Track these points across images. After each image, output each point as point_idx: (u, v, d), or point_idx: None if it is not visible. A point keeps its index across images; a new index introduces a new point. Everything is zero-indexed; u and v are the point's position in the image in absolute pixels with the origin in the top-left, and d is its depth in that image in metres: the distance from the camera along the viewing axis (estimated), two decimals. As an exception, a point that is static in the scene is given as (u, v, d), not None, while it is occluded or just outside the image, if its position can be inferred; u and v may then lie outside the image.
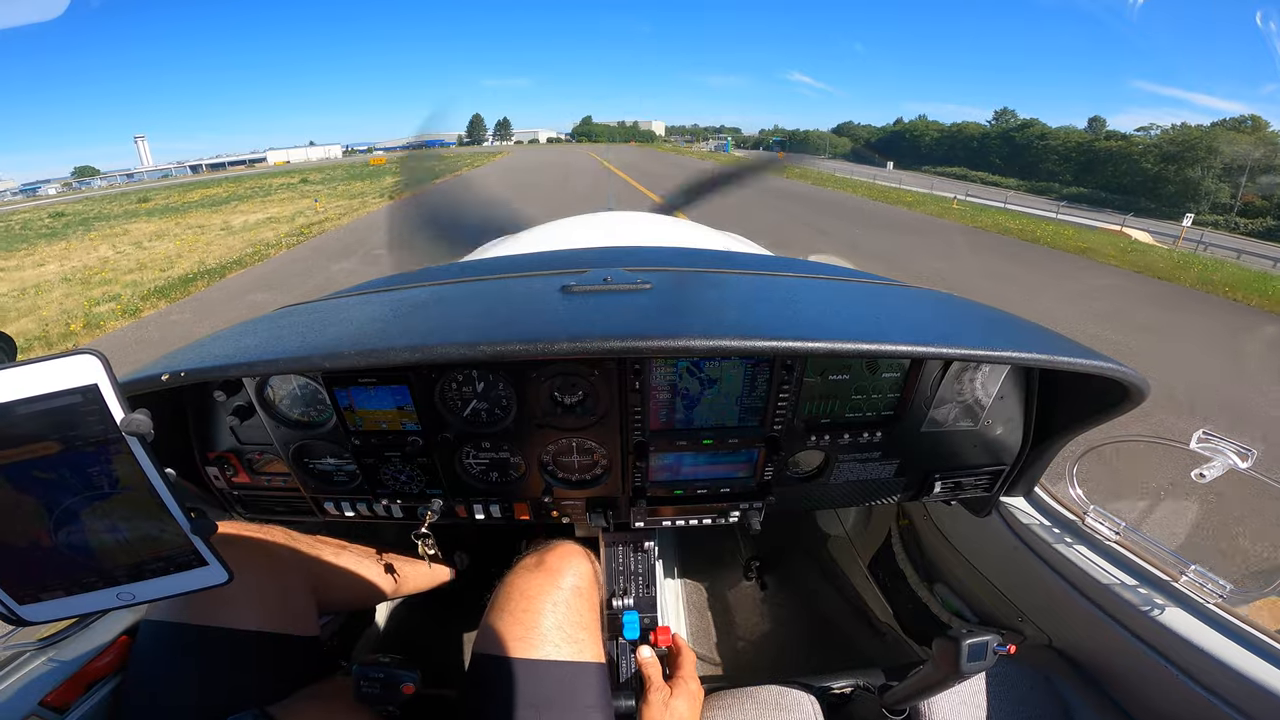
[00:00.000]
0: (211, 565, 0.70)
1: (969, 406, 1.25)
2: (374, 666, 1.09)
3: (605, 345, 0.89)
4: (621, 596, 1.42)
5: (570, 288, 1.13)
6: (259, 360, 0.95)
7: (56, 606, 0.68)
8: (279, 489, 1.31)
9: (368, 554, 1.49)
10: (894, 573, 1.93)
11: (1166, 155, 55.79)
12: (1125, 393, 1.06)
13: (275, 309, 1.42)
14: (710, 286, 1.28)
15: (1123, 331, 7.99)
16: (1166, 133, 62.81)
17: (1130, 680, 1.16)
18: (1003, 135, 78.51)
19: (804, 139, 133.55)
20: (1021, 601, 1.42)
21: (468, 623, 1.99)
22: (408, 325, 1.07)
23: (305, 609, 1.21)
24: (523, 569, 1.13)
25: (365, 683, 1.07)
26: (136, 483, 0.63)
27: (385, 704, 1.08)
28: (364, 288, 1.52)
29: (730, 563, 2.39)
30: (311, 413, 1.20)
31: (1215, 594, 1.04)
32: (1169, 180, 54.85)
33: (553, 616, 1.05)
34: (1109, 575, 1.16)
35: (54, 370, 0.57)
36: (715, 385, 1.17)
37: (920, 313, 1.30)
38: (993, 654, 0.91)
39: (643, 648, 1.27)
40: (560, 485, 1.29)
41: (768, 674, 1.32)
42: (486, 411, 1.19)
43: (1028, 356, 0.99)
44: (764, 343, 0.90)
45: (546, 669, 1.00)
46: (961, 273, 11.04)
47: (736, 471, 1.28)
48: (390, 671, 1.08)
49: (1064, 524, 1.31)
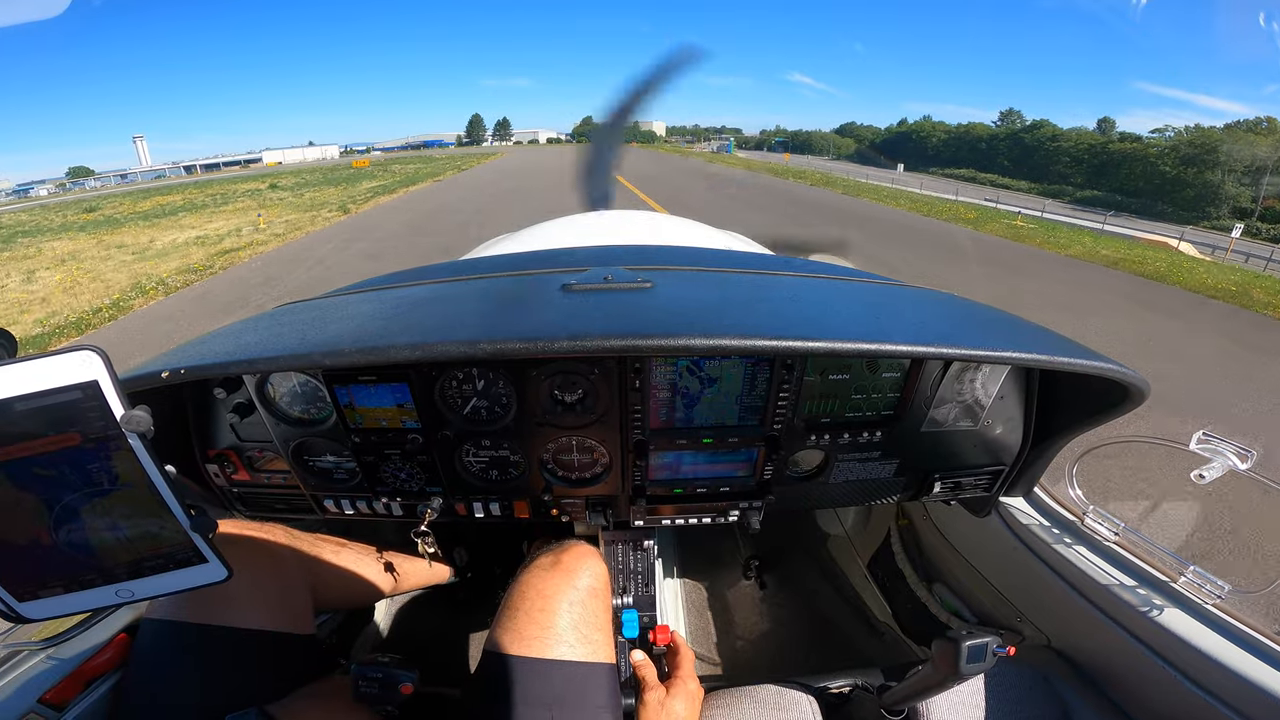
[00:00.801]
0: (211, 562, 0.70)
1: (969, 406, 1.25)
2: (372, 666, 1.09)
3: (605, 344, 0.89)
4: (621, 595, 1.42)
5: (570, 286, 1.13)
6: (259, 357, 0.95)
7: (56, 604, 0.68)
8: (279, 486, 1.31)
9: (367, 552, 1.49)
10: (893, 572, 1.93)
11: (1185, 158, 54.98)
12: (1125, 393, 1.06)
13: (275, 306, 1.42)
14: (711, 285, 1.28)
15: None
16: (1182, 134, 61.14)
17: (1129, 681, 1.16)
18: (1012, 137, 76.71)
19: (807, 140, 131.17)
20: (1021, 602, 1.42)
21: (468, 621, 1.99)
22: (408, 323, 1.07)
23: (304, 607, 1.21)
24: (538, 568, 1.13)
25: (364, 682, 1.07)
26: (136, 480, 0.63)
27: (384, 704, 1.08)
28: (364, 285, 1.52)
29: (729, 562, 2.39)
30: (312, 410, 1.20)
31: (1214, 595, 1.05)
32: (1188, 184, 54.07)
33: (568, 616, 1.05)
34: (1108, 576, 1.16)
35: (54, 366, 0.57)
36: (715, 384, 1.17)
37: (921, 313, 1.30)
38: (992, 655, 0.91)
39: (635, 652, 1.27)
40: (560, 483, 1.29)
41: (766, 673, 1.32)
42: (486, 409, 1.19)
43: (1028, 357, 0.99)
44: (764, 342, 0.90)
45: (560, 669, 0.99)
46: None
47: (736, 470, 1.29)
48: (389, 671, 1.08)
49: (1063, 524, 1.31)
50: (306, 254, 13.48)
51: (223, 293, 10.69)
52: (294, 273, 11.54)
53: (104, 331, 9.19)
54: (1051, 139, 70.67)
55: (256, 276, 11.64)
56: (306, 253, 13.66)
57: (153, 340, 8.11)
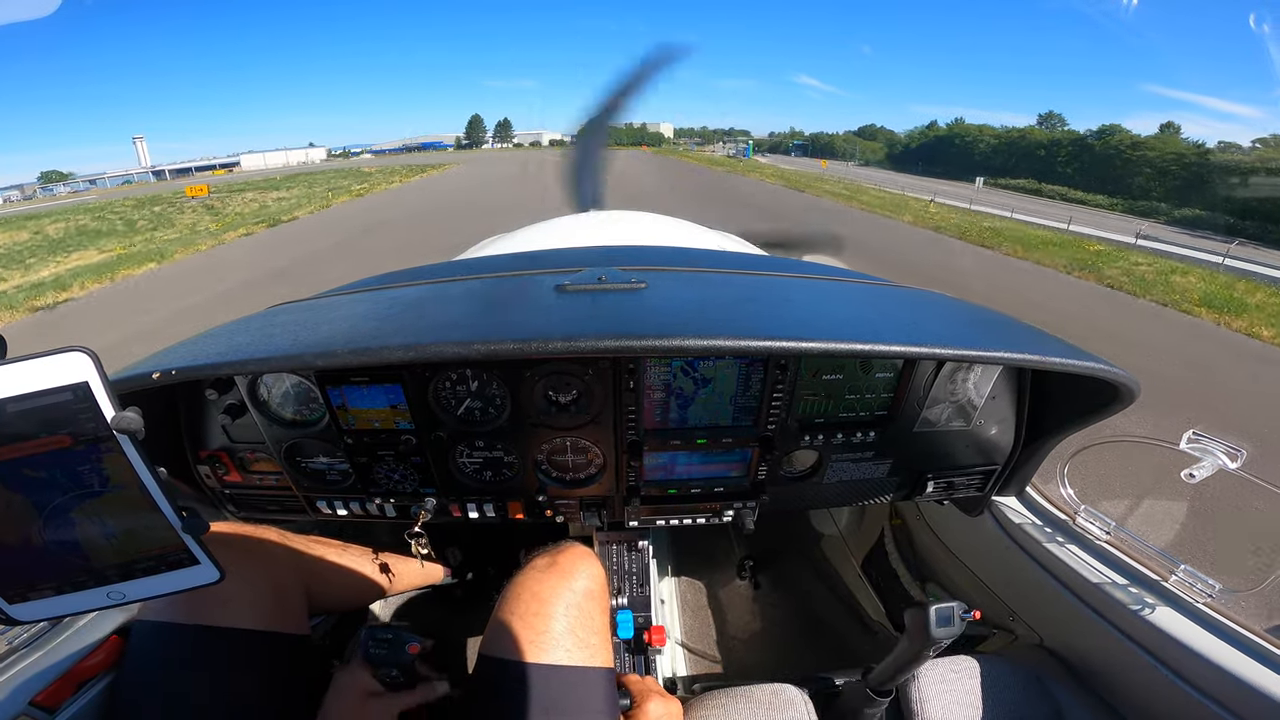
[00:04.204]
0: (203, 564, 0.70)
1: (961, 406, 1.26)
2: (383, 628, 1.11)
3: (599, 344, 0.89)
4: (615, 596, 1.42)
5: (564, 287, 1.13)
6: (251, 358, 0.95)
7: (46, 606, 0.67)
8: (271, 488, 1.31)
9: (360, 553, 1.49)
10: (887, 572, 1.94)
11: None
12: (1116, 393, 1.07)
13: (267, 307, 1.41)
14: (705, 286, 1.28)
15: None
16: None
17: (1121, 679, 1.16)
18: (1077, 143, 66.19)
19: (828, 143, 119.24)
20: (1013, 601, 1.43)
21: (463, 621, 1.99)
22: (401, 324, 1.07)
23: (297, 608, 1.20)
24: (534, 569, 1.12)
25: (373, 644, 1.10)
26: (127, 481, 0.63)
27: (392, 664, 1.09)
28: (357, 286, 1.51)
29: (724, 562, 2.39)
30: (304, 411, 1.20)
31: (1204, 593, 1.06)
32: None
33: (565, 620, 1.03)
34: (1099, 574, 1.17)
35: (44, 368, 0.57)
36: (709, 385, 1.17)
37: (914, 313, 1.30)
38: (960, 619, 0.94)
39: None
40: (554, 484, 1.29)
41: (761, 673, 1.33)
42: (480, 410, 1.19)
43: (1020, 357, 1.00)
44: (758, 342, 0.90)
45: (557, 674, 0.98)
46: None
47: (730, 471, 1.29)
48: (398, 633, 1.10)
49: (1055, 524, 1.32)
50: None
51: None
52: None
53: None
54: (1130, 147, 60.11)
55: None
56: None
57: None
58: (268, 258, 14.20)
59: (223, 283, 11.49)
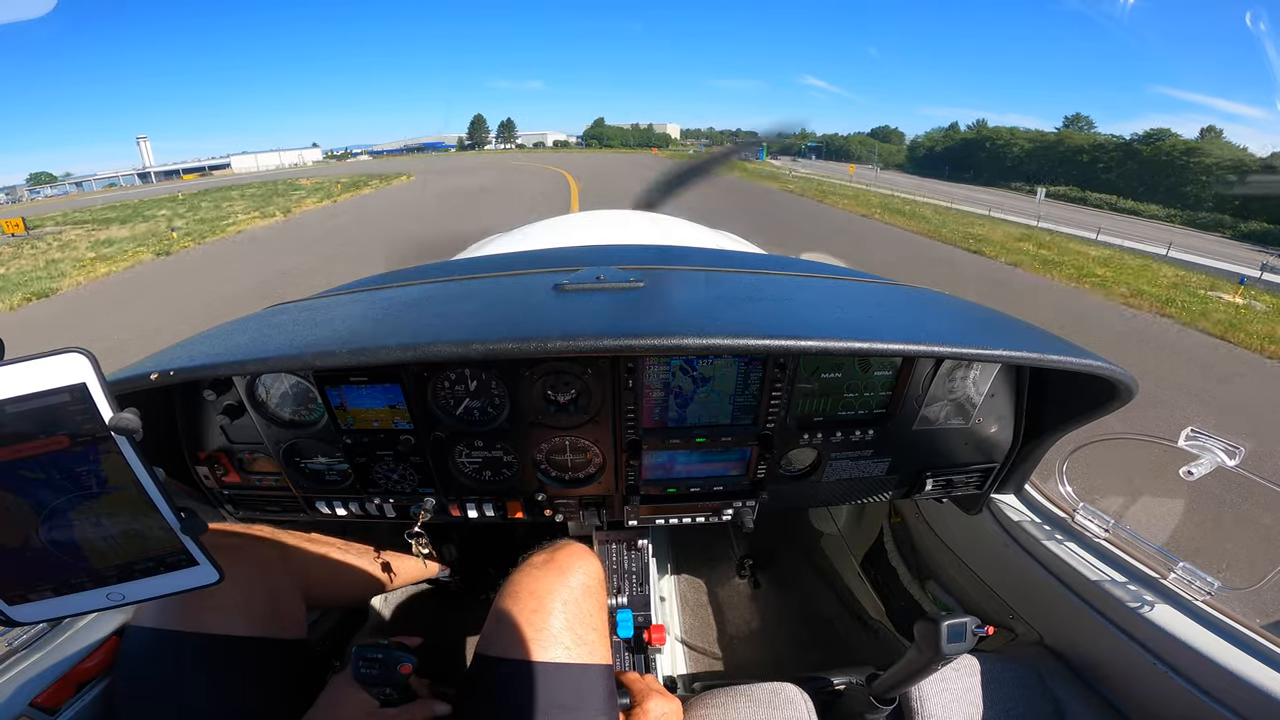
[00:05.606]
0: (202, 565, 0.70)
1: (960, 405, 1.26)
2: (372, 647, 1.09)
3: (598, 344, 0.89)
4: (615, 595, 1.42)
5: (563, 286, 1.13)
6: (249, 359, 0.95)
7: (46, 607, 0.67)
8: (270, 488, 1.30)
9: (359, 551, 1.49)
10: (886, 570, 1.94)
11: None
12: (1114, 391, 1.07)
13: (265, 307, 1.41)
14: (703, 285, 1.28)
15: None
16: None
17: (1121, 676, 1.17)
18: (1124, 148, 60.61)
19: (843, 145, 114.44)
20: (1012, 598, 1.43)
21: (462, 617, 1.99)
22: (400, 324, 1.06)
23: (294, 611, 1.20)
24: (531, 566, 1.11)
25: (364, 664, 1.08)
26: (126, 482, 0.63)
27: (384, 685, 1.08)
28: (356, 286, 1.51)
29: (723, 561, 2.39)
30: (303, 412, 1.20)
31: (1203, 590, 1.06)
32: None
33: (562, 617, 1.03)
34: (1099, 572, 1.18)
35: (42, 369, 0.57)
36: (708, 383, 1.17)
37: (912, 311, 1.30)
38: (972, 635, 0.92)
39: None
40: (554, 484, 1.29)
41: (761, 671, 1.33)
42: (479, 410, 1.19)
43: (1018, 355, 1.00)
44: (757, 341, 0.90)
45: (555, 671, 0.98)
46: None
47: (730, 469, 1.29)
48: (389, 652, 1.08)
49: (1054, 521, 1.32)
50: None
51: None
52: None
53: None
54: (1185, 153, 54.77)
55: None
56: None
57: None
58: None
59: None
